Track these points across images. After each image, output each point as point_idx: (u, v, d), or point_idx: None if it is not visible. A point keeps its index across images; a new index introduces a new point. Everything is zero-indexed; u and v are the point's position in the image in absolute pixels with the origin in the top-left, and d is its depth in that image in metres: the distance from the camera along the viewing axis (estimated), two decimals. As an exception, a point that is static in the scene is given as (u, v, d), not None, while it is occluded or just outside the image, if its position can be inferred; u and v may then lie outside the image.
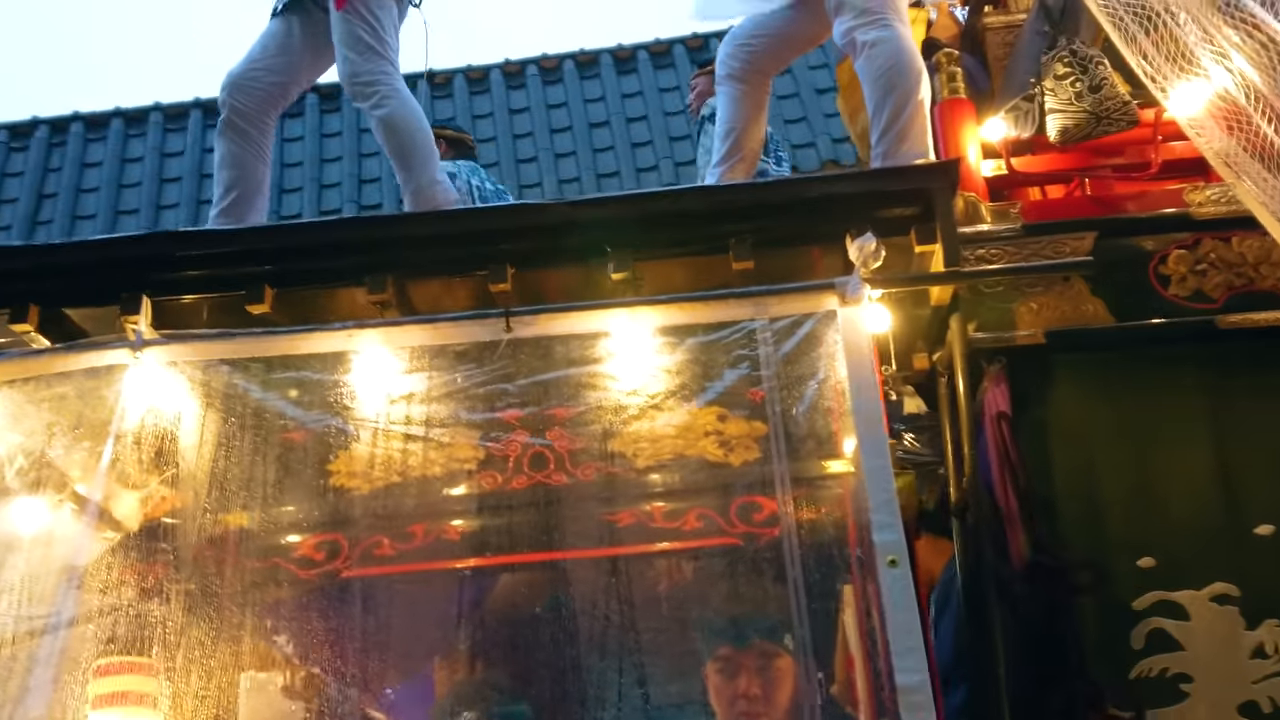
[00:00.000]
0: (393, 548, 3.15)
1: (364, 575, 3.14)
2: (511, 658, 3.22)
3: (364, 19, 3.37)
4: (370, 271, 2.85)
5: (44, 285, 2.94)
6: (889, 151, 3.28)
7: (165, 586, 2.98)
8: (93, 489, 2.74)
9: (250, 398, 2.83)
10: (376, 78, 3.36)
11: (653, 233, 2.86)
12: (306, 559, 3.15)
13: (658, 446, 3.15)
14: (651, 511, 3.16)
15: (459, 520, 3.15)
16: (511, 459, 3.08)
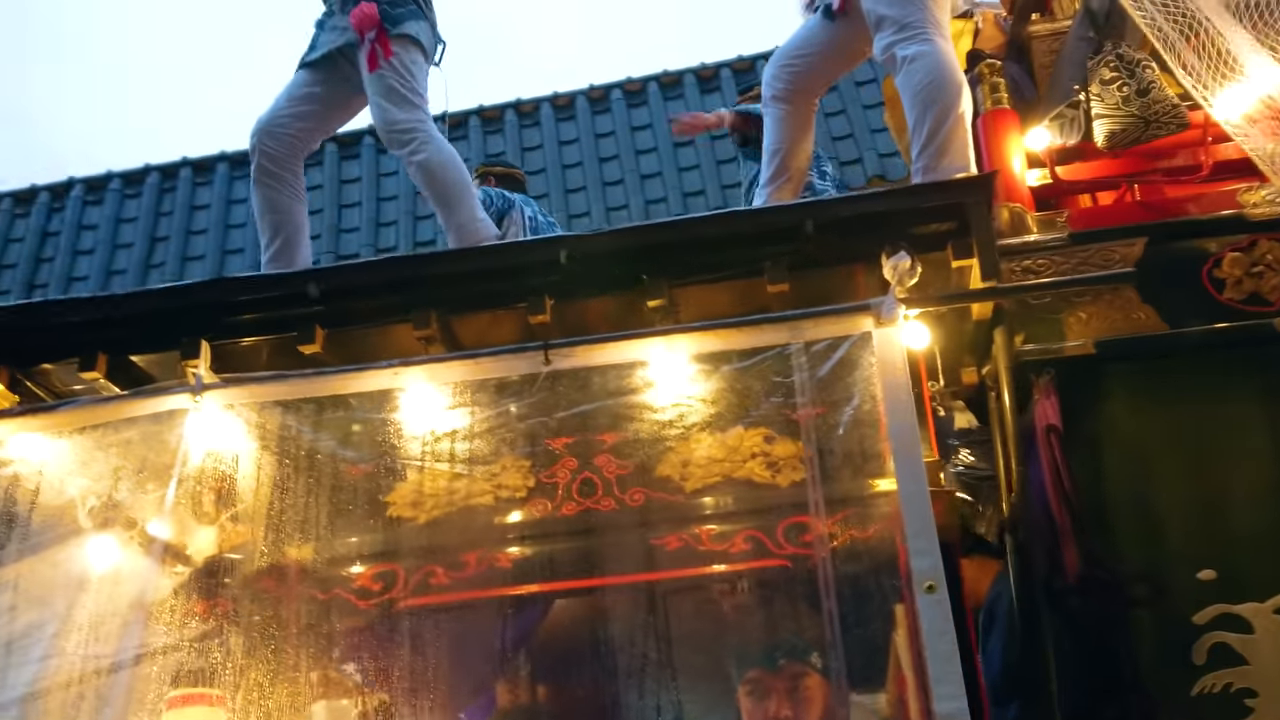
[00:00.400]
0: (447, 576, 3.22)
1: (420, 604, 3.22)
2: (566, 680, 3.28)
3: (397, 71, 3.48)
4: (414, 308, 2.92)
5: (110, 334, 3.08)
6: (929, 166, 3.26)
7: (230, 620, 3.09)
8: (157, 529, 2.86)
9: (303, 437, 2.93)
10: (412, 125, 3.46)
11: (686, 260, 2.88)
12: (365, 589, 3.24)
13: (705, 470, 3.17)
14: (699, 534, 3.18)
15: (511, 548, 3.21)
16: (560, 486, 3.14)
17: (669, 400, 2.94)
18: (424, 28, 3.61)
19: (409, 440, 2.98)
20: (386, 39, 3.45)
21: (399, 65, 3.48)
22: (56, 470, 2.97)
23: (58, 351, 3.09)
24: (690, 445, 3.04)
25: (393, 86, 3.48)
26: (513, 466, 3.16)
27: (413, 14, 3.57)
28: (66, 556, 2.90)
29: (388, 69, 3.46)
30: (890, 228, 2.84)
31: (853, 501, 2.97)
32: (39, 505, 2.94)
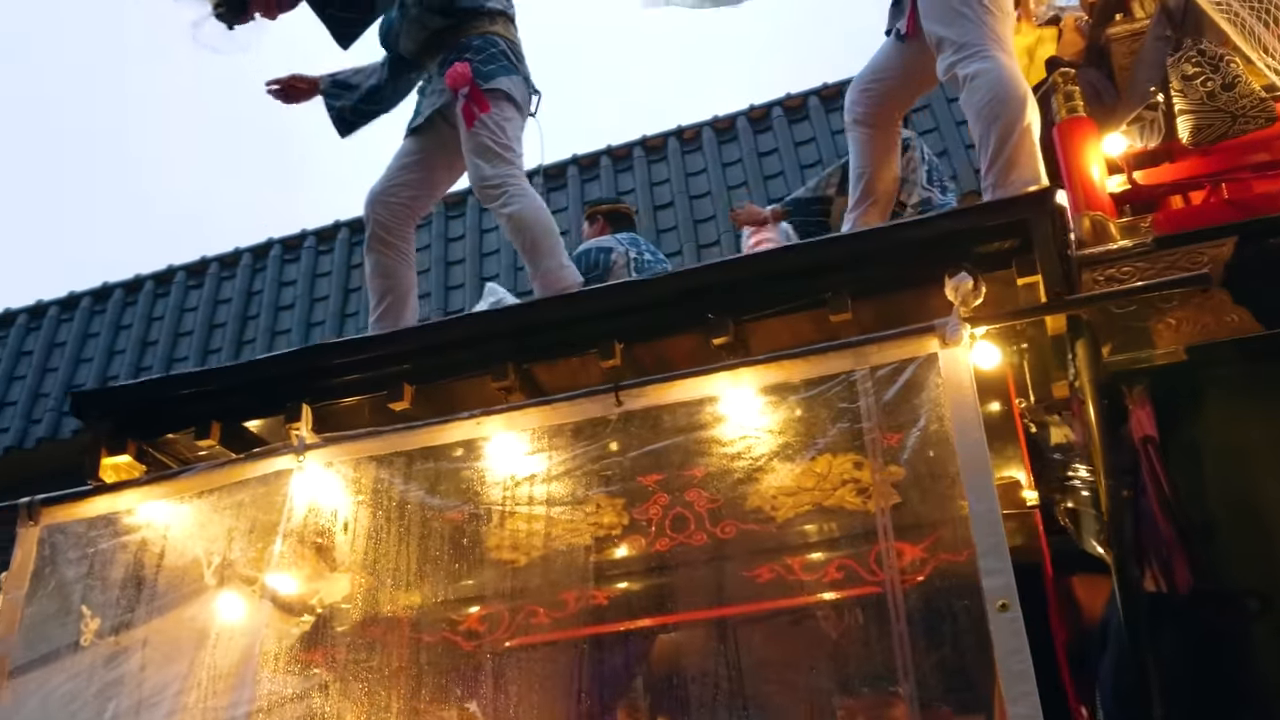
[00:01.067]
0: (548, 616, 3.31)
1: (525, 643, 3.31)
2: (682, 713, 3.31)
3: (490, 130, 3.62)
4: (492, 361, 3.04)
5: (221, 403, 3.30)
6: (998, 182, 3.23)
7: (343, 668, 3.24)
8: (269, 585, 3.03)
9: (397, 488, 3.07)
10: (503, 180, 3.60)
11: (750, 295, 2.92)
12: (471, 631, 3.36)
13: (796, 499, 3.18)
14: (791, 565, 3.19)
15: (608, 585, 3.27)
16: (653, 522, 3.20)
17: (747, 432, 2.97)
18: (516, 82, 3.76)
19: (501, 486, 3.08)
20: (480, 94, 3.60)
21: (491, 122, 3.63)
22: (179, 533, 3.19)
23: (177, 423, 3.32)
24: (779, 475, 3.05)
25: (485, 144, 3.63)
26: (607, 505, 3.24)
27: (504, 69, 3.72)
28: (189, 615, 3.10)
29: (481, 126, 3.61)
30: (952, 249, 2.83)
31: (943, 524, 2.94)
32: (164, 567, 3.15)
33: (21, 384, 9.07)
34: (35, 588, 3.24)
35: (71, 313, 9.46)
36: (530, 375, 3.10)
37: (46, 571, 3.26)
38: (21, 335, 9.47)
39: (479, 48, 3.72)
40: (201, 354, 8.32)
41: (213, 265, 9.27)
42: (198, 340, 8.55)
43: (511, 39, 3.82)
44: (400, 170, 3.84)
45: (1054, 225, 2.85)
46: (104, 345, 9.03)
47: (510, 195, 3.59)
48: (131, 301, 9.35)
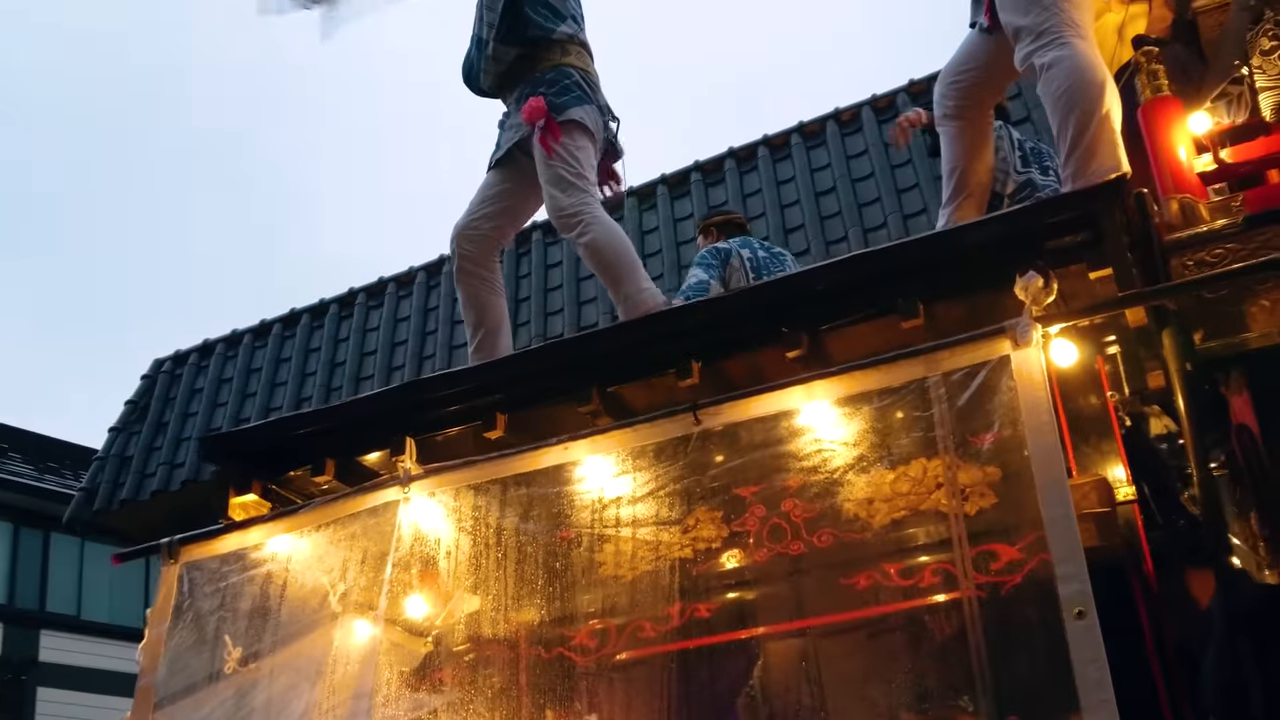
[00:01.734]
0: (654, 629, 3.39)
1: (635, 657, 3.40)
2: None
3: (564, 160, 3.72)
4: (576, 387, 3.14)
5: (334, 441, 3.48)
6: (1077, 172, 3.15)
7: (462, 687, 3.39)
8: (383, 612, 3.19)
9: (494, 514, 3.19)
10: (579, 209, 3.69)
11: (820, 307, 2.94)
12: (583, 647, 3.46)
13: (891, 505, 3.18)
14: (889, 571, 3.19)
15: (709, 598, 3.33)
16: (751, 534, 3.24)
17: (835, 440, 2.98)
18: (589, 111, 3.85)
19: (595, 506, 3.17)
20: (555, 126, 3.71)
21: (565, 153, 3.73)
22: (300, 565, 3.38)
23: (295, 461, 3.52)
24: (874, 481, 3.06)
25: (560, 174, 3.73)
26: (706, 519, 3.30)
27: (577, 100, 3.82)
28: (312, 643, 3.29)
29: (556, 157, 3.72)
30: (1022, 247, 2.79)
31: (1040, 525, 2.91)
32: (287, 598, 3.35)
33: (165, 430, 9.72)
34: (176, 622, 3.48)
35: (207, 359, 10.06)
36: (616, 397, 3.18)
37: (185, 606, 3.50)
38: (167, 383, 10.13)
39: (552, 80, 3.83)
40: (325, 392, 8.77)
41: (331, 306, 9.70)
42: (320, 379, 9.00)
43: (585, 68, 3.92)
44: (483, 203, 3.98)
45: (1127, 215, 2.77)
46: (236, 388, 9.62)
47: (585, 224, 3.69)
48: (261, 345, 9.88)
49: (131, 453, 9.73)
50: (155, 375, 10.31)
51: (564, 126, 3.74)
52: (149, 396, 10.16)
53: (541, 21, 3.84)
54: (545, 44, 3.85)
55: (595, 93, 3.92)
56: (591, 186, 3.77)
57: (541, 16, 3.85)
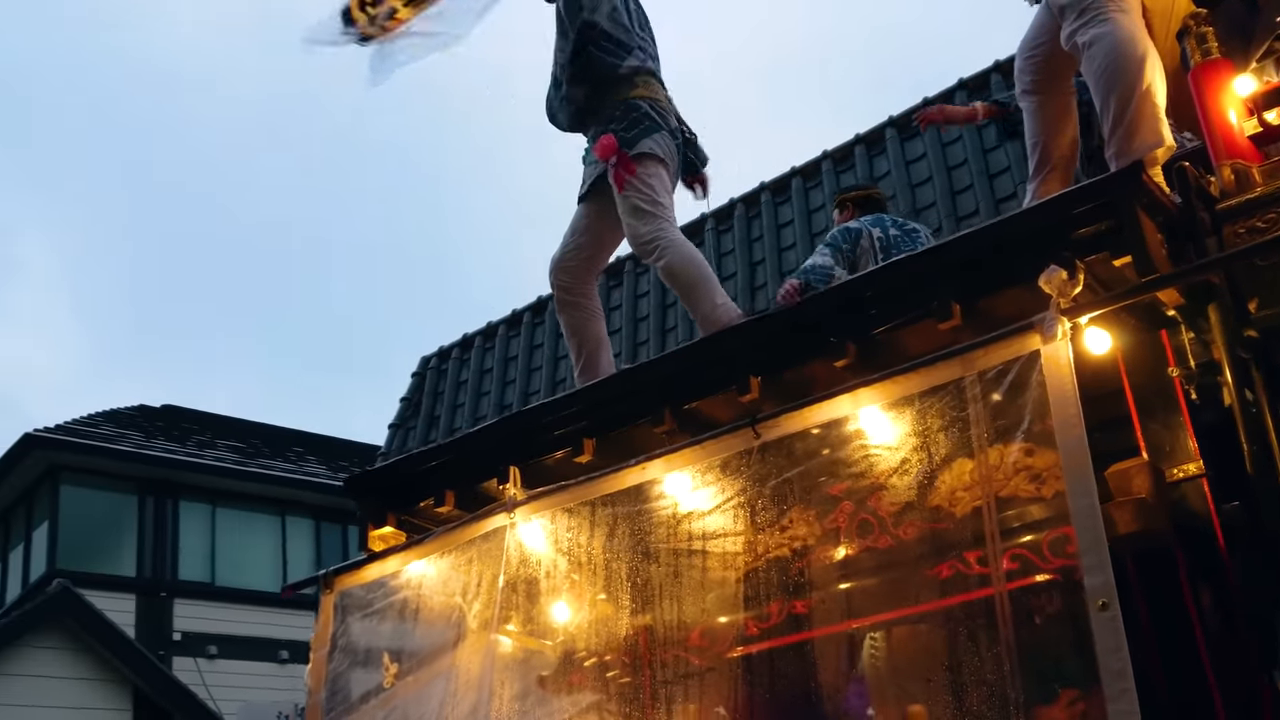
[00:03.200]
0: (756, 627, 3.57)
1: (744, 653, 3.59)
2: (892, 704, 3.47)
3: (639, 190, 3.91)
4: (650, 409, 3.35)
5: (451, 473, 3.82)
6: (1120, 150, 3.14)
7: (594, 688, 3.67)
8: (500, 627, 3.50)
9: (590, 531, 3.45)
10: (654, 236, 3.88)
11: (860, 315, 3.05)
12: (698, 647, 3.68)
13: (971, 493, 3.26)
14: (969, 559, 3.27)
15: (806, 595, 3.48)
16: (842, 530, 3.38)
17: (907, 437, 3.08)
18: (660, 139, 4.03)
19: (688, 517, 3.37)
20: (628, 160, 3.92)
21: (639, 183, 3.93)
22: (430, 589, 3.74)
23: (421, 494, 3.87)
24: (954, 472, 3.15)
25: (635, 204, 3.94)
26: (799, 519, 3.46)
27: (646, 130, 4.01)
28: (444, 659, 3.63)
29: (630, 189, 3.92)
30: (1050, 239, 2.83)
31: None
32: (420, 620, 3.72)
33: (437, 423, 10.42)
34: (334, 645, 3.91)
35: (467, 353, 10.72)
36: (690, 414, 3.37)
37: (340, 630, 3.92)
38: (435, 378, 10.77)
39: (622, 115, 4.03)
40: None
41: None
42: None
43: (653, 97, 4.09)
44: (573, 236, 4.24)
45: (1153, 196, 2.77)
46: (497, 377, 10.22)
47: (661, 249, 3.88)
48: (514, 334, 10.53)
49: (410, 446, 10.45)
50: (424, 372, 11.04)
51: (636, 159, 3.93)
52: (420, 393, 10.91)
53: (608, 59, 4.04)
54: (613, 80, 4.05)
55: (666, 118, 4.09)
56: (666, 212, 3.95)
57: (608, 54, 4.05)
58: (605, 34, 4.06)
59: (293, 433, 19.51)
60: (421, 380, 10.93)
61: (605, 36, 4.06)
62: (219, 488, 15.71)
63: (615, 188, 3.95)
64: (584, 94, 4.07)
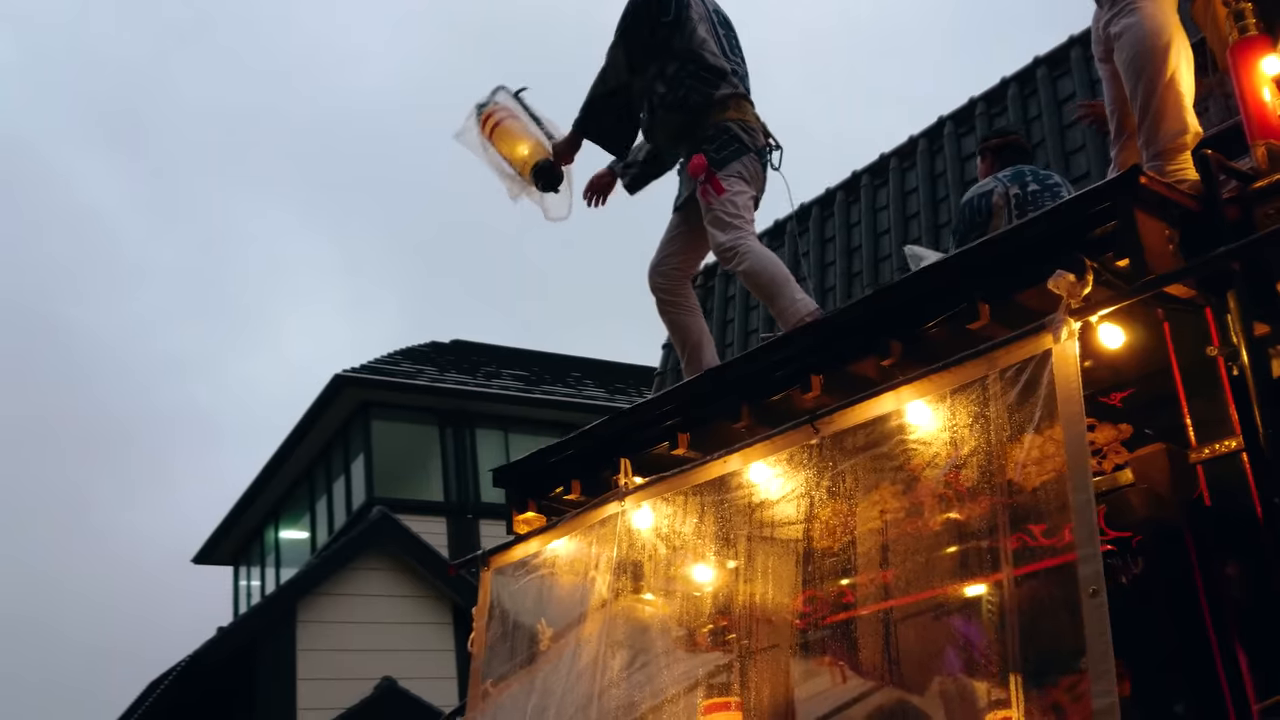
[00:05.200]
0: (853, 595, 3.88)
1: (866, 613, 3.90)
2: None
3: (723, 205, 4.26)
4: (728, 408, 3.71)
5: (576, 464, 4.29)
6: (1149, 139, 3.23)
7: (723, 649, 4.08)
8: (614, 605, 3.96)
9: (694, 514, 3.84)
10: (735, 244, 4.22)
11: (902, 317, 3.31)
12: (831, 603, 4.03)
13: (1041, 467, 3.48)
14: (1034, 531, 3.48)
15: (920, 558, 3.75)
16: (926, 506, 3.65)
17: (975, 417, 3.30)
18: (746, 160, 4.38)
19: (771, 503, 3.72)
20: (716, 180, 4.27)
21: (724, 199, 4.27)
22: (562, 567, 4.24)
23: (553, 482, 4.37)
24: (1023, 446, 3.37)
25: (719, 217, 4.27)
26: (889, 493, 3.75)
27: (735, 153, 4.36)
28: (570, 634, 4.13)
29: (716, 204, 4.27)
30: (1062, 243, 3.00)
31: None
32: (555, 596, 4.23)
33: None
34: (491, 618, 4.48)
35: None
36: (766, 409, 3.71)
37: (495, 604, 4.48)
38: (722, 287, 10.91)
39: (713, 138, 4.39)
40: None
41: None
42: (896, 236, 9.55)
43: (744, 118, 4.42)
44: (669, 243, 4.61)
45: (1149, 199, 2.89)
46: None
47: (741, 255, 4.21)
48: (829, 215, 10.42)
49: None
50: (703, 284, 11.18)
51: (724, 178, 4.27)
52: (708, 303, 11.03)
53: (702, 87, 4.39)
54: (708, 107, 4.39)
55: (754, 138, 4.41)
56: (746, 224, 4.29)
57: (705, 83, 4.39)
58: (705, 65, 4.39)
59: (571, 359, 20.88)
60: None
61: (704, 67, 4.39)
62: (509, 414, 17.05)
63: (703, 202, 4.29)
64: (679, 118, 4.42)
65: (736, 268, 4.26)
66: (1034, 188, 5.32)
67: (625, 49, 4.46)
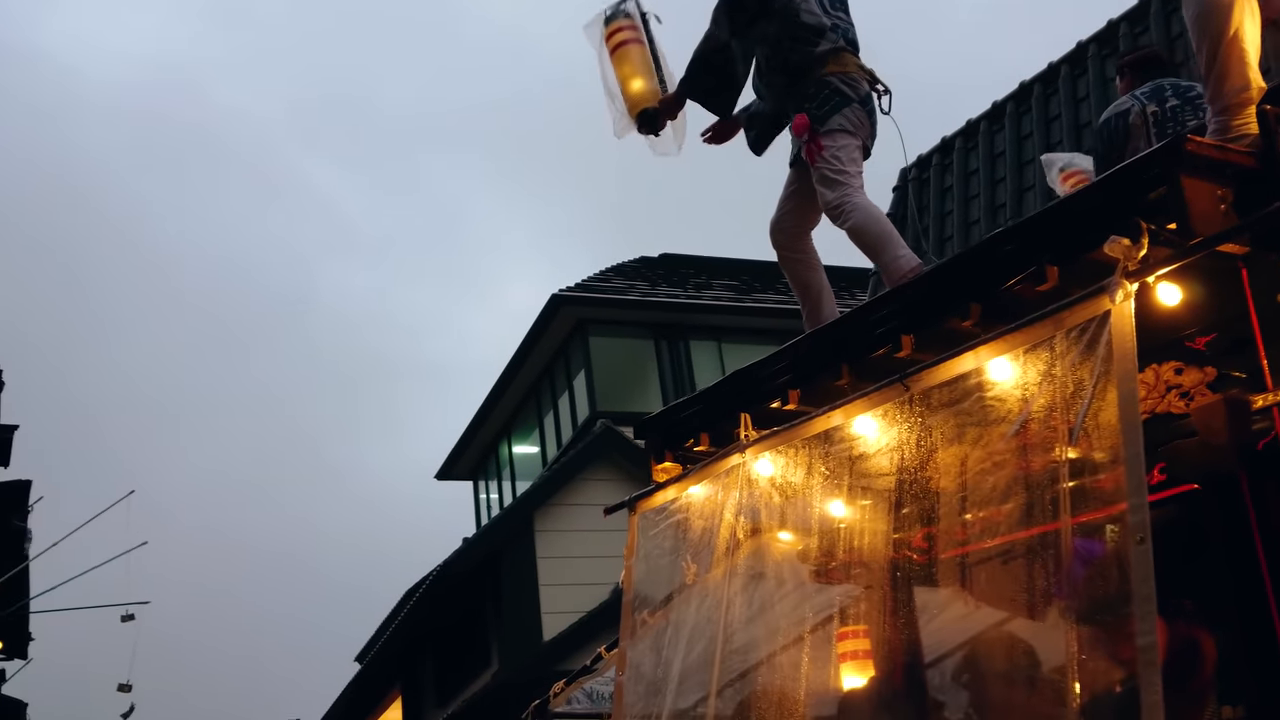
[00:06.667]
0: (963, 533, 4.14)
1: (950, 556, 4.19)
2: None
3: (828, 162, 4.46)
4: (827, 368, 4.02)
5: (702, 419, 4.67)
6: (1214, 94, 3.32)
7: (841, 582, 4.43)
8: (739, 548, 4.35)
9: (809, 463, 4.17)
10: (841, 201, 4.41)
11: (978, 281, 3.53)
12: (919, 548, 4.32)
13: (1097, 420, 3.66)
14: (1092, 482, 3.64)
15: (994, 507, 3.99)
16: (1025, 450, 3.88)
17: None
18: (849, 112, 4.52)
19: (872, 455, 4.02)
20: (818, 137, 4.48)
21: (829, 155, 4.47)
22: (695, 513, 4.64)
23: (685, 435, 4.76)
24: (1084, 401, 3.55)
25: (825, 174, 4.48)
26: (981, 438, 3.98)
27: (836, 106, 4.51)
28: (713, 570, 4.54)
29: (821, 162, 4.48)
30: (1118, 211, 3.17)
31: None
32: (689, 539, 4.64)
33: (927, 234, 10.66)
34: (638, 557, 4.93)
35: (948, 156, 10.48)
36: (863, 366, 3.99)
37: (642, 543, 4.93)
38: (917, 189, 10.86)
39: (814, 94, 4.55)
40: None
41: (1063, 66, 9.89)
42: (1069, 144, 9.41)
43: (844, 70, 4.56)
44: (785, 200, 4.85)
45: (1198, 164, 3.03)
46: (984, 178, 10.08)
47: (846, 212, 4.41)
48: (998, 128, 10.23)
49: None
50: (904, 185, 11.11)
51: (826, 134, 4.47)
52: (903, 206, 11.00)
53: (802, 47, 4.57)
54: (809, 64, 4.57)
55: (856, 87, 4.57)
56: (852, 179, 4.46)
57: (803, 42, 4.57)
58: (801, 24, 4.59)
59: (778, 265, 20.95)
60: (903, 194, 10.89)
61: (801, 26, 4.59)
62: (722, 324, 17.40)
63: (808, 160, 4.52)
64: (783, 79, 4.64)
65: (843, 225, 4.48)
66: (1173, 103, 5.26)
67: (726, 12, 4.68)
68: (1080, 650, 3.07)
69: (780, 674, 4.21)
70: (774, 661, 4.28)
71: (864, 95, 4.60)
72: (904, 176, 10.59)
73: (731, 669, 4.36)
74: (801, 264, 4.82)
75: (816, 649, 4.36)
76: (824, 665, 4.23)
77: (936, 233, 9.81)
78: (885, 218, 4.46)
